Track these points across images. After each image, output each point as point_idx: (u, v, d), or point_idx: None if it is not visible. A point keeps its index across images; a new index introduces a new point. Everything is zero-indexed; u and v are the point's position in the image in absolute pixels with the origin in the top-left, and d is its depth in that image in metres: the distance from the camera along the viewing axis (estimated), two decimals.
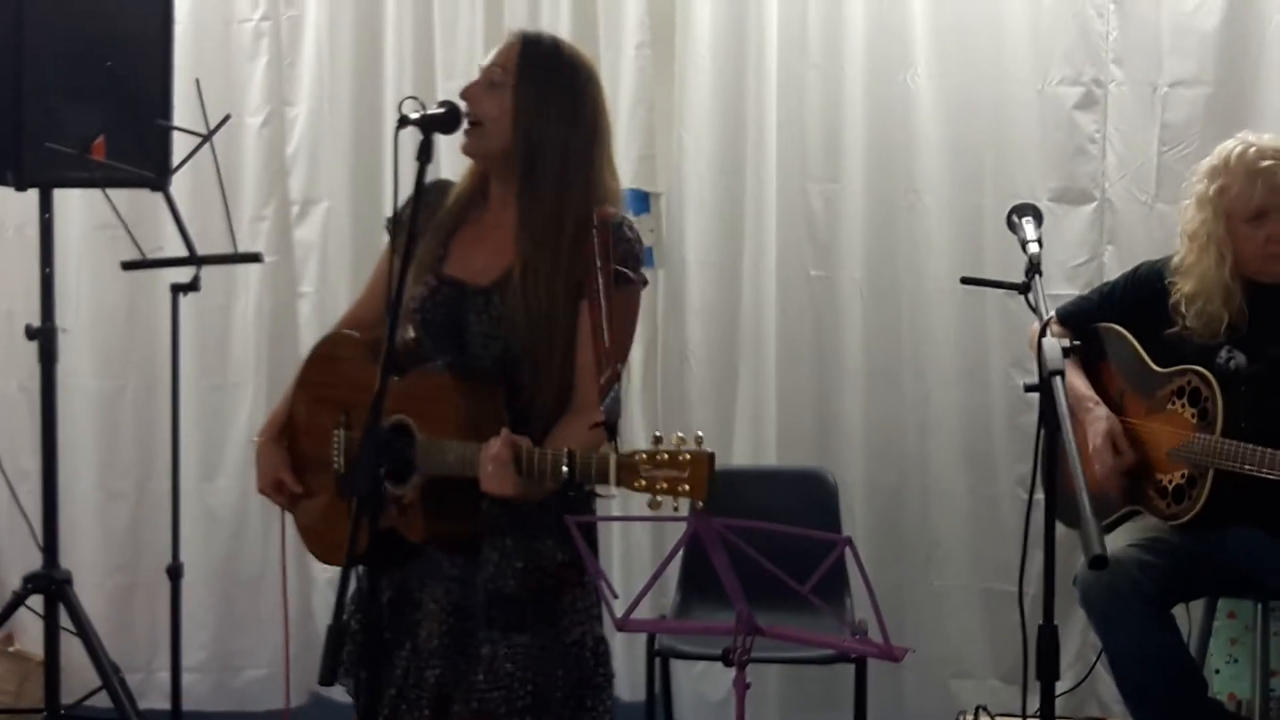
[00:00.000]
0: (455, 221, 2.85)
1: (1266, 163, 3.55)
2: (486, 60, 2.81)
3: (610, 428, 2.45)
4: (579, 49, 2.84)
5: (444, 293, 2.79)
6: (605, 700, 2.83)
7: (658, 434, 2.41)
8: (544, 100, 2.74)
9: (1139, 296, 3.77)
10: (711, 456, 2.37)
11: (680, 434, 2.41)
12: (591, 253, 2.60)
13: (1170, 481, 3.59)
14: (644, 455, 2.39)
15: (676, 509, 2.40)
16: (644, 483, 2.38)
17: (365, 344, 2.89)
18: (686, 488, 2.35)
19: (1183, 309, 3.64)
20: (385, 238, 2.92)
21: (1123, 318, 3.80)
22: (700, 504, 2.37)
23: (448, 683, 2.76)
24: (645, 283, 2.81)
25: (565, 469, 2.47)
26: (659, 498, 2.39)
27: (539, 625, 2.76)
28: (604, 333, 2.53)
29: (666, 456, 2.37)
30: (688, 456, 2.36)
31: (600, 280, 2.58)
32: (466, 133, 2.74)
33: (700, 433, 2.43)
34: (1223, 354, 3.57)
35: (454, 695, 2.75)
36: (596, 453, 2.45)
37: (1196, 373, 3.57)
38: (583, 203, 2.71)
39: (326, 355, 2.98)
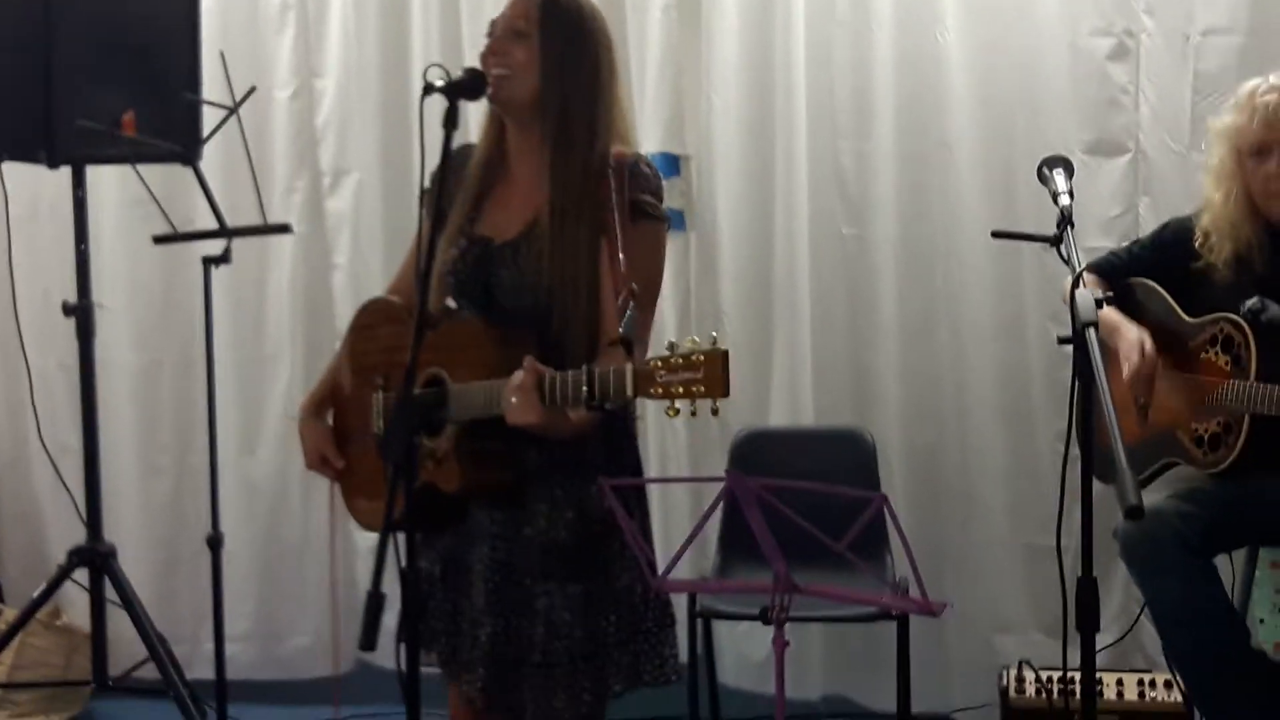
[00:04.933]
0: (483, 184, 2.86)
1: (1270, 98, 3.52)
2: (505, 11, 2.80)
3: (627, 343, 2.42)
4: None
5: (472, 252, 2.81)
6: (662, 649, 2.82)
7: (672, 340, 2.37)
8: (566, 45, 2.76)
9: (1166, 252, 3.76)
10: (725, 354, 2.30)
11: (695, 338, 2.36)
12: (608, 190, 2.64)
13: (1206, 430, 3.58)
14: (658, 362, 2.33)
15: (695, 413, 2.33)
16: (660, 389, 2.32)
17: (401, 307, 2.94)
18: (702, 388, 2.28)
19: (1201, 243, 3.64)
20: (417, 207, 2.92)
21: (1152, 273, 3.79)
22: (716, 405, 2.30)
23: (500, 640, 2.77)
24: (667, 220, 2.82)
25: (584, 387, 2.44)
26: (676, 403, 2.32)
27: (591, 573, 2.77)
28: (620, 261, 2.54)
29: (681, 360, 2.31)
30: (701, 356, 2.30)
31: (616, 216, 2.61)
32: (496, 81, 2.73)
33: (714, 333, 2.37)
34: (1254, 302, 3.54)
35: (510, 652, 2.76)
36: (614, 367, 2.41)
37: (1229, 320, 3.55)
38: (605, 144, 2.75)
39: (364, 324, 3.02)
